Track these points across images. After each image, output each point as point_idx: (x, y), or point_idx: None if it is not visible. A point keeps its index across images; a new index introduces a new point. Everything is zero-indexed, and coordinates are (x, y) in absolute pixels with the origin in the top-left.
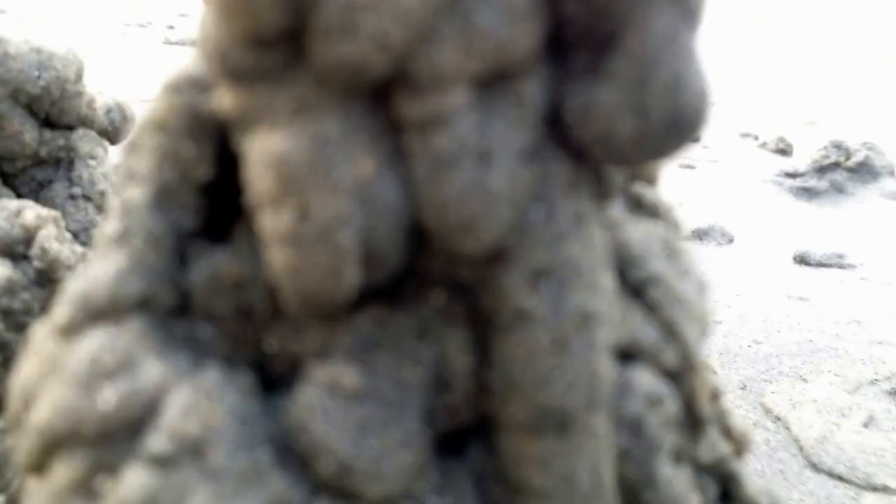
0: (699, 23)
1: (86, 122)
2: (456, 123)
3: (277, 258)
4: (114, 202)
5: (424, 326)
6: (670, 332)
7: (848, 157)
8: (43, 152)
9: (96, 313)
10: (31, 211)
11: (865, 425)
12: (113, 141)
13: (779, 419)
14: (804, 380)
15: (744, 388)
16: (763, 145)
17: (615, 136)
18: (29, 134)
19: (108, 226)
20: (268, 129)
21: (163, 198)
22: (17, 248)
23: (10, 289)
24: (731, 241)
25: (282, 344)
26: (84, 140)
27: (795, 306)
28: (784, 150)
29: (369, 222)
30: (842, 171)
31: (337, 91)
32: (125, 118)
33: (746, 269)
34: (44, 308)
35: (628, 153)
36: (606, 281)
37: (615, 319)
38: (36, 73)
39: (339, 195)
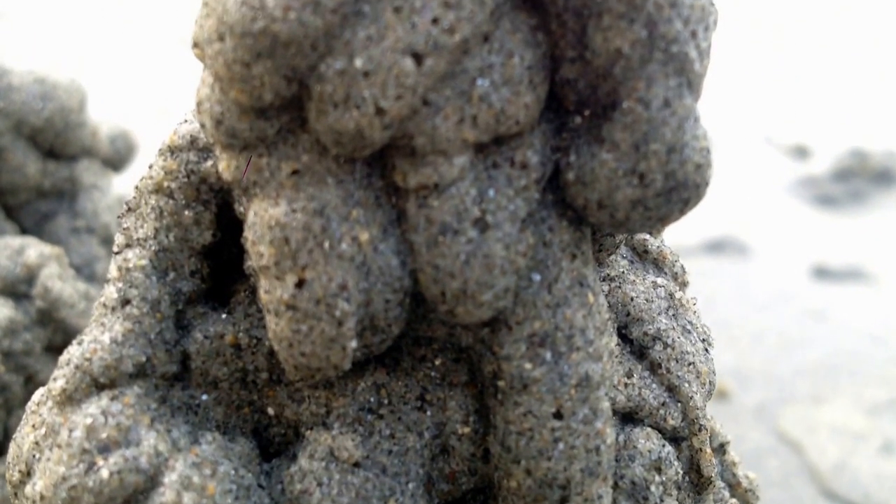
0: (699, 88)
1: (90, 152)
2: (454, 190)
3: (276, 326)
4: (112, 267)
5: (425, 392)
6: (674, 392)
7: (868, 164)
8: (46, 184)
9: (94, 382)
10: (34, 249)
11: (882, 450)
12: (117, 169)
13: (794, 445)
14: (820, 402)
15: (758, 411)
16: (781, 151)
17: (614, 202)
18: (32, 166)
19: (107, 291)
20: (266, 196)
21: (162, 262)
22: (20, 287)
23: (12, 329)
24: (745, 252)
25: (281, 410)
26: (88, 171)
27: (812, 323)
28: (802, 156)
29: (368, 290)
30: (862, 178)
31: (336, 158)
32: (129, 146)
33: (761, 284)
34: (45, 348)
35: (627, 219)
36: (608, 344)
37: (618, 382)
38: (39, 105)
39: (337, 263)
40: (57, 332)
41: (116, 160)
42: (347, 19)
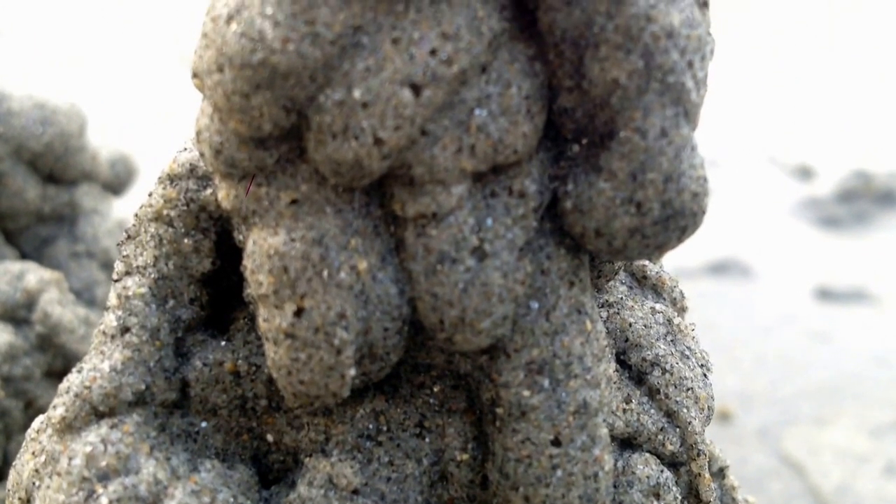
0: (696, 118)
1: (90, 177)
2: (452, 219)
3: (275, 354)
4: (112, 294)
5: (423, 419)
6: (672, 418)
7: (872, 185)
8: (46, 209)
9: (94, 410)
10: (34, 274)
11: (885, 472)
12: (117, 193)
13: (796, 467)
14: (823, 424)
15: (761, 433)
16: (785, 171)
17: (612, 230)
18: (32, 191)
19: (106, 318)
20: (265, 225)
21: (161, 290)
22: (19, 313)
23: (12, 354)
24: (748, 274)
25: (280, 437)
26: (88, 196)
27: (815, 344)
28: (806, 177)
29: (367, 318)
30: (865, 200)
31: (335, 187)
32: (129, 170)
33: (765, 305)
34: (45, 374)
35: (625, 247)
36: (606, 371)
37: (616, 408)
38: (39, 130)
39: (336, 292)
40: (57, 357)
41: (116, 184)
42: (346, 51)
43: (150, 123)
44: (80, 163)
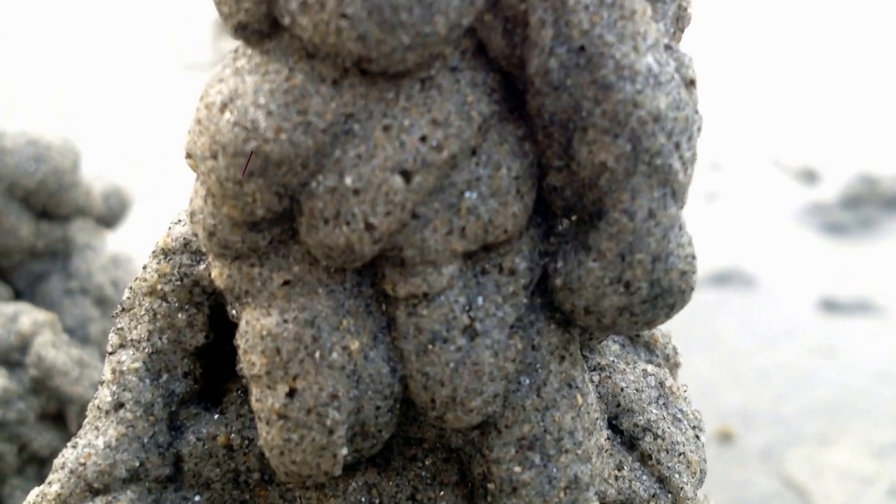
0: (684, 197)
1: (83, 212)
2: (443, 298)
3: (267, 434)
4: (106, 368)
5: (415, 492)
6: (665, 483)
7: (878, 190)
8: (39, 245)
9: (89, 487)
10: (28, 316)
11: (889, 494)
12: (111, 226)
13: (799, 490)
14: (827, 443)
15: (764, 454)
16: (789, 175)
17: (601, 308)
18: (25, 228)
19: (101, 393)
20: (258, 306)
21: (155, 364)
22: (13, 356)
23: (5, 399)
24: (751, 285)
25: None
26: (81, 231)
27: (819, 359)
28: (810, 181)
29: (359, 397)
30: (871, 205)
31: (327, 268)
32: (123, 203)
33: (768, 317)
34: (39, 417)
35: (614, 323)
36: (598, 441)
37: (608, 475)
38: (33, 167)
39: (328, 373)
40: (51, 400)
41: (110, 218)
42: (338, 138)
43: (145, 137)
44: (74, 198)
